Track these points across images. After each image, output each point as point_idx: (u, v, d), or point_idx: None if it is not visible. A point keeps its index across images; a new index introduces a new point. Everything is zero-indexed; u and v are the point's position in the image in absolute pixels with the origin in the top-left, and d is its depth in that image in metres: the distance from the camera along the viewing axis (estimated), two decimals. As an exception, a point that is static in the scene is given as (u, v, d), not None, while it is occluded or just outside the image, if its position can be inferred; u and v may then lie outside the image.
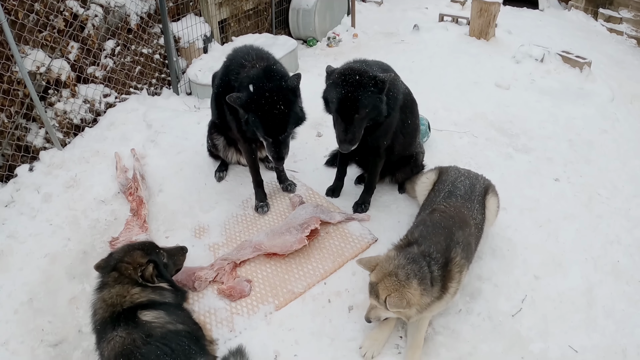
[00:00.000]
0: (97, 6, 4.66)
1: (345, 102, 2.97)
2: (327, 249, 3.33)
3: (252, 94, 3.02)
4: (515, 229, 3.53)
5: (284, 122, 3.06)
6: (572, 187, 4.05)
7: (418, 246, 2.60)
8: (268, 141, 3.13)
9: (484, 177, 3.37)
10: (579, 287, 3.11)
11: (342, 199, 3.86)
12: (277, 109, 3.01)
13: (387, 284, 2.43)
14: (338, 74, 3.03)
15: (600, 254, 3.38)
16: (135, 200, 3.76)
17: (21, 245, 3.54)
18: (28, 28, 4.07)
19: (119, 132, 4.69)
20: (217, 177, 4.14)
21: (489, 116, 5.12)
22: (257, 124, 3.06)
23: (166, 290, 2.59)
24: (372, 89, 2.95)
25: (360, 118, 3.01)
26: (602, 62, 6.91)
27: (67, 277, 3.29)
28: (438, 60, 6.64)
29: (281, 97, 3.02)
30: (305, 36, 7.83)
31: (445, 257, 2.58)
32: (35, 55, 4.15)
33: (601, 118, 5.25)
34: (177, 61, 5.68)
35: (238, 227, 3.62)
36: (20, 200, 3.92)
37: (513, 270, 3.19)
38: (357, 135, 3.07)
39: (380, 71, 3.15)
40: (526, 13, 9.55)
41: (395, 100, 3.22)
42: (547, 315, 2.92)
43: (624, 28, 8.85)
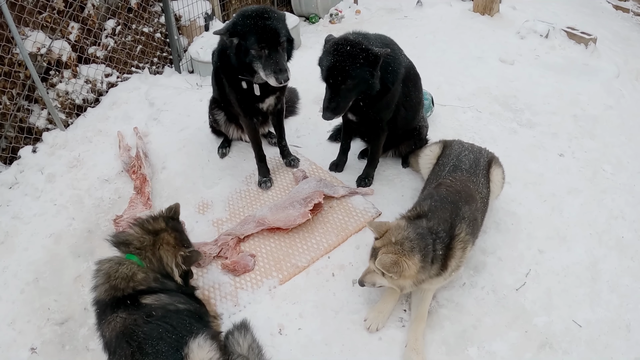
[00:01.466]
0: (96, -15, 4.62)
1: (333, 71, 2.95)
2: (331, 223, 3.33)
3: (238, 17, 3.00)
4: (519, 203, 3.51)
5: (275, 28, 2.97)
6: (576, 162, 4.03)
7: (427, 220, 2.60)
8: (264, 54, 3.00)
9: (488, 150, 3.35)
10: (583, 261, 3.11)
11: (345, 173, 3.85)
12: (265, 18, 2.95)
13: (390, 249, 2.43)
14: (332, 43, 3.01)
15: (604, 229, 3.36)
16: (138, 178, 3.77)
17: (26, 225, 3.57)
18: (27, 10, 4.03)
19: (121, 111, 4.68)
20: (220, 154, 4.14)
21: (492, 91, 5.04)
22: (248, 41, 2.97)
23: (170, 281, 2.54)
24: (361, 61, 2.91)
25: (346, 89, 2.99)
26: (607, 38, 6.78)
27: (72, 256, 3.31)
28: (441, 35, 6.53)
29: (267, 11, 2.99)
30: (307, 13, 7.73)
31: (450, 235, 2.58)
32: (36, 36, 4.12)
33: (606, 94, 5.16)
34: (178, 39, 5.63)
35: (241, 203, 3.63)
36: (24, 182, 3.94)
37: (517, 244, 3.18)
38: (341, 105, 3.05)
39: (381, 45, 3.11)
40: None
41: (395, 74, 3.18)
42: (551, 289, 2.92)
43: (630, 5, 8.65)
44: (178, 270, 2.56)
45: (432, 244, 2.49)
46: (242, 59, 3.05)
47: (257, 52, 2.98)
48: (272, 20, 2.96)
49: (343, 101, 3.04)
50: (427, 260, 2.45)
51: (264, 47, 2.96)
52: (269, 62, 2.98)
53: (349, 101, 3.08)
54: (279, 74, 2.98)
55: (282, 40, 3.00)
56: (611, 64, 5.89)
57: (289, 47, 3.15)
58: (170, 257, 2.54)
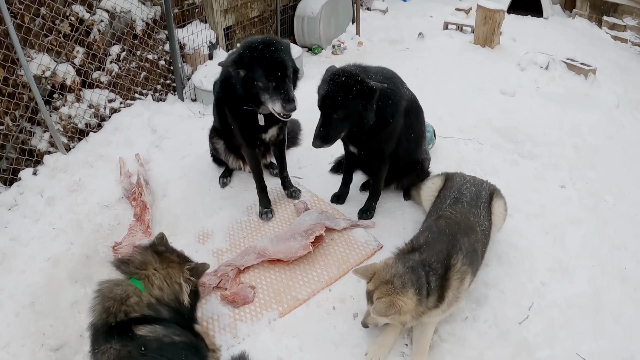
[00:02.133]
0: (102, 11, 4.68)
1: (326, 100, 2.98)
2: (332, 256, 3.30)
3: (244, 49, 3.01)
4: (521, 235, 3.50)
5: (282, 60, 2.98)
6: (578, 193, 4.03)
7: (420, 254, 2.59)
8: (271, 85, 3.00)
9: (489, 183, 3.36)
10: (586, 293, 3.08)
11: (347, 205, 3.85)
12: (272, 50, 2.96)
13: (382, 291, 2.42)
14: (330, 73, 3.05)
15: (607, 260, 3.34)
16: (138, 205, 3.75)
17: (24, 248, 3.53)
18: (34, 32, 4.08)
19: (124, 136, 4.69)
20: (221, 183, 4.14)
21: (494, 122, 5.09)
22: (255, 73, 2.98)
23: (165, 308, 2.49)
24: (354, 93, 2.94)
25: (337, 119, 3.01)
26: (606, 68, 6.91)
27: (69, 280, 3.27)
28: (443, 67, 6.63)
29: (273, 42, 3.00)
30: (310, 44, 7.84)
31: (445, 266, 2.57)
32: (41, 59, 4.16)
33: (607, 124, 5.23)
34: (182, 67, 5.69)
35: (242, 233, 3.61)
36: (23, 204, 3.91)
37: (519, 277, 3.16)
38: (331, 134, 3.07)
39: (382, 78, 3.15)
40: (530, 21, 9.54)
41: (395, 107, 3.21)
42: (554, 322, 2.88)
43: (628, 35, 8.84)
44: (187, 285, 2.53)
45: (425, 276, 2.48)
46: (249, 90, 3.07)
47: (264, 84, 3.00)
48: (278, 52, 2.98)
49: (333, 130, 3.06)
50: (422, 293, 2.44)
51: (271, 79, 2.98)
52: (276, 93, 3.00)
53: (340, 132, 3.10)
54: (287, 104, 2.99)
55: (289, 72, 3.02)
56: (611, 94, 6.00)
57: (294, 77, 3.18)
58: (177, 272, 2.52)
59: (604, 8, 9.59)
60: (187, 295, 2.55)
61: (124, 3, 4.84)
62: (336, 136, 3.11)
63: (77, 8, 4.43)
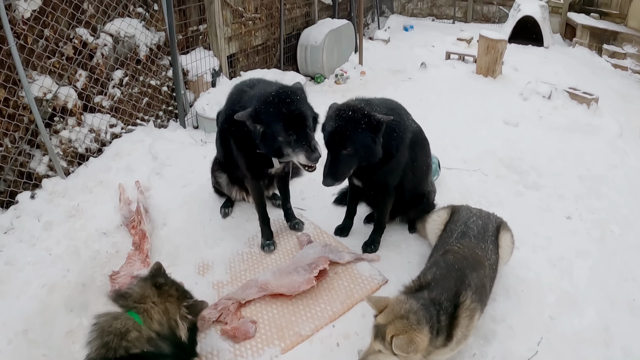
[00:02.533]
0: (107, 35, 4.68)
1: (334, 136, 2.93)
2: (336, 290, 3.21)
3: (259, 103, 2.94)
4: (528, 268, 3.46)
5: (301, 112, 2.92)
6: (584, 224, 4.01)
7: (429, 292, 2.55)
8: (292, 139, 2.93)
9: (496, 216, 3.33)
10: (595, 326, 3.02)
11: (351, 238, 3.78)
12: (289, 102, 2.90)
13: (397, 326, 2.33)
14: (335, 109, 3.01)
15: (615, 292, 3.30)
16: (138, 234, 3.67)
17: (19, 273, 3.44)
18: (37, 53, 4.07)
19: (124, 162, 4.64)
20: (223, 213, 4.07)
21: (498, 153, 5.11)
22: (274, 129, 2.92)
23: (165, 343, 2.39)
24: (362, 126, 2.90)
25: (347, 155, 2.96)
26: (608, 96, 6.97)
27: (64, 309, 3.17)
28: (446, 97, 6.68)
29: (288, 93, 2.94)
30: (313, 73, 7.90)
31: (455, 304, 2.52)
32: (43, 81, 4.13)
33: (610, 153, 5.27)
34: (184, 94, 5.68)
35: (243, 265, 3.52)
36: (20, 228, 3.83)
37: (527, 311, 3.10)
38: (341, 171, 3.00)
39: (386, 110, 3.13)
40: (531, 50, 9.67)
41: (400, 139, 3.17)
42: (563, 357, 2.82)
43: (628, 63, 8.96)
44: (184, 323, 2.44)
45: (436, 315, 2.43)
46: (270, 145, 3.00)
47: (284, 138, 2.94)
48: (295, 103, 2.93)
49: (343, 167, 3.00)
50: (433, 332, 2.38)
51: (291, 133, 2.93)
52: (299, 145, 2.94)
53: (350, 168, 3.04)
54: (311, 154, 2.93)
55: (308, 122, 2.98)
56: (613, 122, 6.05)
57: (314, 124, 3.13)
58: (175, 309, 2.43)
59: (603, 36, 9.77)
60: (185, 332, 2.46)
61: (128, 28, 4.86)
62: (346, 173, 3.05)
63: (81, 31, 4.43)
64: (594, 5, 10.87)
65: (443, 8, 13.20)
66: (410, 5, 13.59)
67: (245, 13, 6.78)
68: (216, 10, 5.92)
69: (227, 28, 6.34)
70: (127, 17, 4.89)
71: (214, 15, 5.92)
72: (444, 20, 12.99)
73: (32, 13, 3.95)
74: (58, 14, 4.17)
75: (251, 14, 6.93)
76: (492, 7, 12.48)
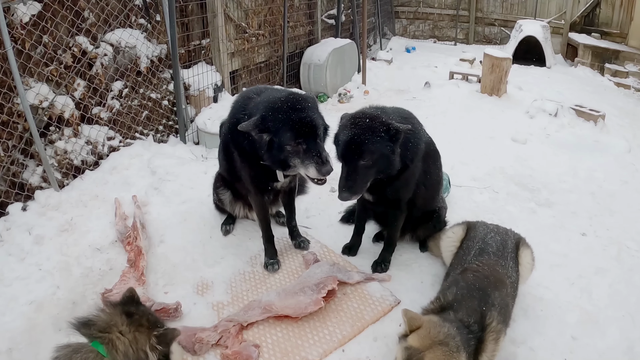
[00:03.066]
0: (107, 45, 4.58)
1: (350, 146, 2.74)
2: (345, 312, 3.00)
3: (266, 110, 2.75)
4: (546, 287, 3.32)
5: (312, 120, 2.72)
6: (599, 241, 3.91)
7: (455, 312, 2.38)
8: (302, 149, 2.74)
9: (514, 232, 3.20)
10: (619, 345, 2.86)
11: (359, 257, 3.60)
12: (299, 110, 2.71)
13: (438, 354, 2.12)
14: (349, 118, 2.85)
15: (636, 309, 3.15)
16: (133, 251, 3.48)
17: (6, 288, 3.25)
18: (34, 60, 3.95)
19: (121, 177, 4.48)
20: (224, 231, 3.88)
21: (508, 170, 5.03)
22: (282, 137, 2.72)
23: None
24: (382, 135, 2.73)
25: (364, 166, 2.76)
26: (613, 114, 6.98)
27: (52, 328, 2.97)
28: (452, 116, 6.65)
29: (298, 100, 2.76)
30: (315, 91, 7.83)
31: (482, 326, 2.35)
32: (39, 88, 3.99)
33: (620, 169, 5.23)
34: (185, 109, 5.56)
35: (245, 285, 3.31)
36: (9, 240, 3.66)
37: (548, 332, 2.95)
38: (358, 184, 2.79)
39: (400, 119, 2.97)
40: (534, 70, 9.73)
41: (415, 150, 3.01)
42: (588, 379, 2.63)
43: (630, 82, 9.02)
44: (154, 354, 2.21)
45: (467, 339, 2.26)
46: (275, 155, 2.81)
47: (293, 147, 2.75)
48: (306, 110, 2.75)
49: (361, 179, 2.80)
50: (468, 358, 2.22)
51: (301, 142, 2.74)
52: (308, 156, 2.75)
53: (368, 180, 2.85)
54: (322, 167, 2.74)
55: (319, 131, 2.80)
56: (621, 139, 6.06)
57: (324, 136, 2.96)
58: (145, 338, 2.20)
59: (605, 55, 9.91)
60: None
61: (129, 38, 4.75)
62: (364, 186, 2.84)
63: (81, 39, 4.32)
64: (594, 26, 11.03)
65: (445, 30, 13.32)
66: (412, 28, 13.72)
67: (248, 29, 6.74)
68: (219, 25, 5.84)
69: (230, 43, 6.27)
70: (129, 28, 4.79)
71: (217, 29, 5.85)
72: (445, 42, 13.12)
73: (31, 17, 3.85)
74: (58, 20, 4.08)
75: (254, 30, 6.89)
76: (493, 29, 12.60)
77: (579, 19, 11.19)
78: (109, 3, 4.55)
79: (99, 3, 4.45)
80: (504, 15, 12.35)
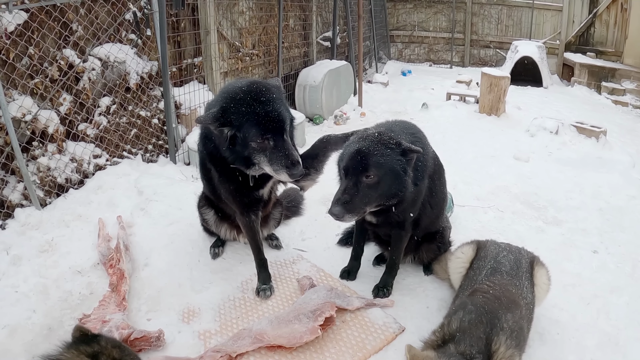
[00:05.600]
0: (95, 59, 4.41)
1: (356, 156, 2.52)
2: (345, 341, 2.74)
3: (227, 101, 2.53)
4: (561, 308, 3.13)
5: (279, 113, 2.51)
6: (612, 258, 3.78)
7: (456, 345, 2.17)
8: (269, 145, 2.53)
9: (527, 250, 3.02)
10: None
11: (358, 281, 3.38)
12: (263, 102, 2.50)
13: None
14: (356, 134, 2.68)
15: None
16: (115, 274, 3.23)
17: (-23, 310, 3.01)
18: (19, 71, 3.78)
19: (107, 196, 4.26)
20: (212, 254, 3.65)
21: (512, 189, 4.90)
22: (247, 133, 2.50)
23: None
24: (392, 147, 2.54)
25: (368, 183, 2.53)
26: (614, 131, 6.93)
27: (25, 354, 2.74)
28: (451, 136, 6.56)
29: (262, 90, 2.54)
30: (311, 113, 7.70)
31: (487, 354, 2.15)
32: (23, 101, 3.81)
33: (627, 184, 5.14)
34: (176, 128, 5.36)
35: (235, 312, 3.05)
36: (-16, 260, 3.43)
37: (567, 357, 2.75)
38: (356, 201, 2.53)
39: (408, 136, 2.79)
40: (531, 91, 9.75)
41: (424, 168, 2.83)
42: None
43: (628, 99, 9.03)
44: None
45: None
46: (238, 152, 2.60)
47: (259, 144, 2.54)
48: (271, 102, 2.54)
49: (360, 197, 2.56)
50: None
51: (268, 138, 2.53)
52: (276, 154, 2.54)
53: (367, 201, 2.60)
54: (292, 168, 2.54)
55: (286, 125, 2.59)
56: (625, 154, 6.02)
57: (290, 129, 2.75)
58: None
59: (601, 74, 9.96)
60: None
61: (118, 53, 4.59)
62: (362, 206, 2.58)
63: (68, 52, 4.16)
64: (589, 45, 11.13)
65: (440, 53, 13.36)
66: (407, 51, 13.77)
67: (242, 48, 6.64)
68: (212, 42, 5.71)
69: (224, 62, 6.14)
70: (118, 43, 4.64)
71: (210, 47, 5.72)
72: (441, 65, 13.15)
73: (16, 27, 3.69)
74: (45, 31, 3.92)
75: (248, 50, 6.79)
76: (489, 51, 12.66)
77: (573, 39, 11.28)
78: (99, 16, 4.40)
79: (88, 15, 4.30)
80: (499, 37, 12.42)
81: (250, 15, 6.78)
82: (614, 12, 10.57)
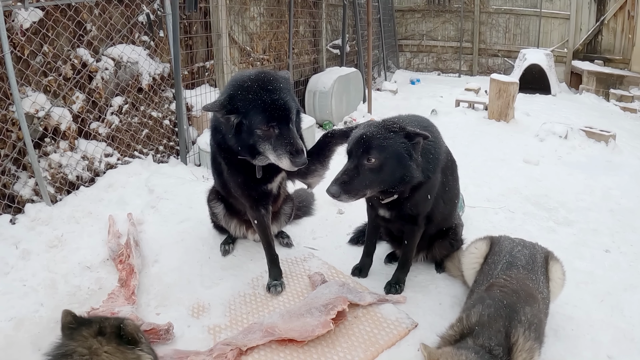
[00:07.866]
0: (108, 59, 4.45)
1: (359, 140, 2.54)
2: (357, 336, 2.70)
3: (234, 89, 2.55)
4: (574, 305, 3.10)
5: (285, 101, 2.52)
6: (625, 257, 3.75)
7: (474, 339, 2.13)
8: (274, 133, 2.53)
9: (541, 245, 3.00)
10: None
11: (370, 279, 3.35)
12: (270, 90, 2.51)
13: None
14: (365, 122, 2.73)
15: None
16: (125, 269, 3.22)
17: (-15, 303, 3.02)
18: (33, 68, 3.83)
19: (117, 194, 4.28)
20: (223, 251, 3.63)
21: (522, 191, 4.90)
22: (252, 120, 2.51)
23: None
24: (396, 131, 2.54)
25: (370, 166, 2.53)
26: (623, 136, 6.89)
27: (31, 347, 2.73)
28: (461, 140, 6.55)
29: (269, 79, 2.56)
30: (321, 119, 7.72)
31: (507, 347, 2.11)
32: (36, 97, 3.85)
33: (637, 186, 5.14)
34: (187, 129, 5.39)
35: (246, 308, 3.03)
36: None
37: (582, 352, 2.71)
38: (355, 182, 2.53)
39: (417, 126, 2.77)
40: (539, 98, 9.74)
41: (436, 160, 2.81)
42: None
43: (636, 105, 8.98)
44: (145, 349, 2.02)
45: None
46: (243, 140, 2.60)
47: (264, 132, 2.55)
48: (278, 91, 2.55)
49: (359, 180, 2.56)
50: None
51: (273, 125, 2.53)
52: (281, 142, 2.54)
53: (367, 185, 2.59)
54: (296, 156, 2.53)
55: (292, 115, 2.59)
56: (634, 158, 6.06)
57: (297, 120, 2.76)
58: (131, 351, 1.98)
59: (610, 81, 9.95)
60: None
61: (131, 53, 4.64)
62: (360, 189, 2.58)
63: (82, 51, 4.21)
64: (597, 53, 11.11)
65: (448, 62, 13.38)
66: (415, 61, 13.80)
67: (253, 53, 6.68)
68: (224, 45, 5.76)
69: (235, 67, 6.17)
70: (132, 44, 4.69)
71: (221, 50, 5.77)
72: (449, 74, 13.16)
73: (32, 24, 3.74)
74: (59, 29, 3.98)
75: (259, 55, 6.84)
76: (497, 60, 12.66)
77: (581, 47, 11.26)
78: (112, 17, 4.47)
79: (102, 16, 4.36)
80: (507, 45, 12.41)
81: (261, 21, 6.85)
82: (621, 19, 10.58)
